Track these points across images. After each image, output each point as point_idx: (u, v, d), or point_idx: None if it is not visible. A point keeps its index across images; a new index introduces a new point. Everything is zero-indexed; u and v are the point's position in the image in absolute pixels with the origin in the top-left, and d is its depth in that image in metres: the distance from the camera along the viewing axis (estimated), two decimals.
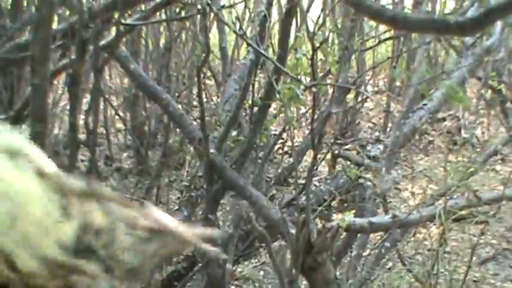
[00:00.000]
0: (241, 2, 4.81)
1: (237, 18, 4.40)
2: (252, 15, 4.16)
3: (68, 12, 3.37)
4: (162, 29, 5.79)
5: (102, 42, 3.08)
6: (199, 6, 3.41)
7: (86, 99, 4.39)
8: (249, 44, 3.62)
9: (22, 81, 4.06)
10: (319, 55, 3.81)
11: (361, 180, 3.60)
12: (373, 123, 7.60)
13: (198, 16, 4.39)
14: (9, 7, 4.09)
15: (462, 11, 3.68)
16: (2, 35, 3.49)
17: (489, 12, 2.28)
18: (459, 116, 7.75)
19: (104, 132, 6.09)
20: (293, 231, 2.95)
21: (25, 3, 4.18)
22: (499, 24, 4.33)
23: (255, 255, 4.79)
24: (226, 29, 4.86)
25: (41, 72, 2.62)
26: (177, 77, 5.64)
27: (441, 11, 5.21)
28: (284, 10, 3.27)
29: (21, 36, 3.82)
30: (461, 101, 4.15)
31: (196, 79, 4.06)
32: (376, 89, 7.30)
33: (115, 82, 6.63)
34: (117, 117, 6.21)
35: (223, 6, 3.84)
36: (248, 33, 4.18)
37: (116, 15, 3.13)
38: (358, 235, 3.45)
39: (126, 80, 6.28)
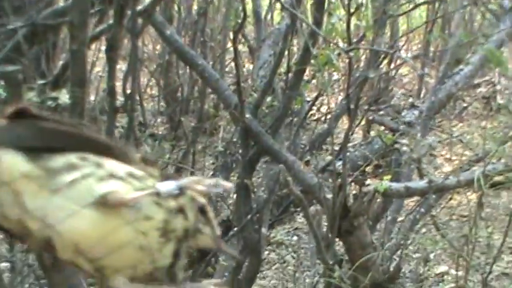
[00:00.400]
0: None
1: None
2: None
3: None
4: None
5: (139, 8, 3.10)
6: None
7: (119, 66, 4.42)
8: (285, 8, 3.64)
9: (57, 48, 4.11)
10: (354, 20, 3.80)
11: (396, 146, 3.60)
12: (406, 89, 7.59)
13: None
14: None
15: None
16: (39, 2, 3.54)
17: None
18: (495, 81, 7.72)
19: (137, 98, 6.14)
20: (329, 196, 2.98)
21: None
22: None
23: (289, 221, 4.85)
24: None
25: (79, 38, 2.66)
26: (210, 43, 5.66)
27: None
28: None
29: (58, 2, 3.86)
30: (501, 64, 4.15)
31: (231, 44, 4.10)
32: (410, 55, 7.25)
33: (148, 49, 6.66)
34: (146, 82, 6.28)
35: None
36: None
37: None
38: (394, 200, 3.47)
39: (158, 47, 6.29)
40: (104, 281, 1.52)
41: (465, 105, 7.30)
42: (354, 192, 2.91)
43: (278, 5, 5.39)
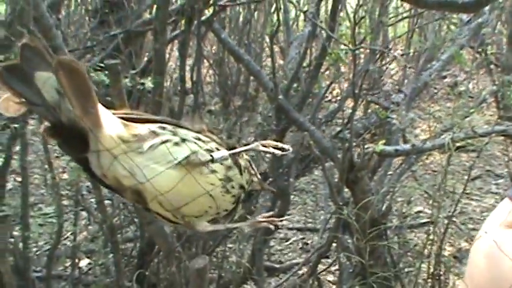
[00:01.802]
0: None
1: (298, 0, 4.45)
2: None
3: None
4: (240, 9, 5.76)
5: (203, 18, 3.06)
6: None
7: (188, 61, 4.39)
8: (308, 18, 3.62)
9: (143, 48, 4.09)
10: (357, 28, 3.76)
11: (388, 119, 3.56)
12: (394, 79, 7.54)
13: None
14: None
15: None
16: (132, 15, 3.53)
17: None
18: (456, 74, 7.67)
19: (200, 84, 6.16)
20: (339, 155, 2.96)
21: None
22: (487, 7, 4.27)
23: (309, 173, 4.82)
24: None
25: (161, 40, 2.65)
26: (252, 44, 5.63)
27: None
28: None
29: (145, 15, 3.85)
30: (462, 61, 4.10)
31: (268, 45, 4.09)
32: (396, 54, 7.19)
33: (208, 48, 6.67)
34: (205, 72, 6.30)
35: None
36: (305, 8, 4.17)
37: None
38: (386, 159, 3.44)
39: (214, 47, 6.25)
40: (190, 225, 1.50)
41: (436, 91, 7.24)
42: (357, 152, 2.88)
43: (302, 16, 5.36)
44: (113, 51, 3.01)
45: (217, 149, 1.46)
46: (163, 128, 1.42)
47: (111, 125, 1.35)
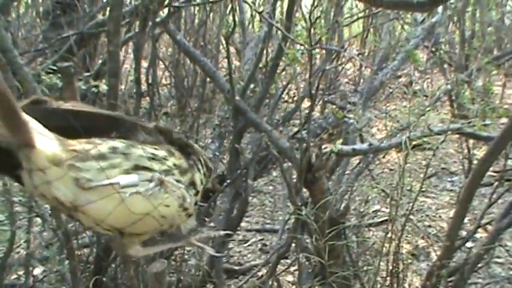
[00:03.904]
0: None
1: (253, 1, 4.44)
2: None
3: None
4: (195, 10, 5.74)
5: (158, 20, 3.03)
6: None
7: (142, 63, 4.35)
8: (264, 18, 3.62)
9: (97, 50, 4.03)
10: (313, 28, 3.76)
11: (344, 119, 3.58)
12: (349, 79, 7.59)
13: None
14: None
15: None
16: (84, 17, 3.48)
17: None
18: (411, 73, 7.73)
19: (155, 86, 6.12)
20: (297, 155, 2.96)
21: None
22: (441, 7, 4.33)
23: (267, 174, 4.83)
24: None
25: (114, 41, 2.62)
26: (208, 45, 5.61)
27: None
28: None
29: (98, 16, 3.80)
30: (417, 60, 4.14)
31: (224, 46, 4.07)
32: (350, 55, 7.25)
33: (163, 50, 6.62)
34: (161, 74, 6.25)
35: None
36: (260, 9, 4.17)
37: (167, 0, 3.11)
38: (343, 158, 3.46)
39: (170, 49, 6.21)
40: (121, 249, 1.46)
41: (391, 90, 7.31)
42: (315, 153, 2.87)
43: (257, 17, 5.37)
44: (65, 53, 2.95)
45: (175, 165, 1.42)
46: (115, 150, 1.36)
47: (45, 143, 1.30)
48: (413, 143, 2.99)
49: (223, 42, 5.63)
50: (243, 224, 4.47)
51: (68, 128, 1.35)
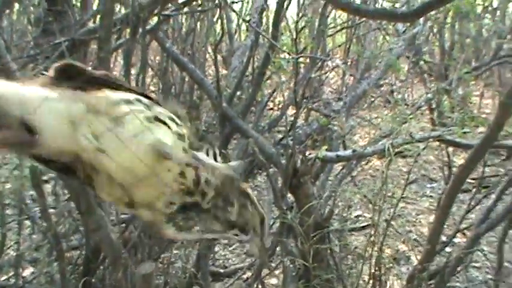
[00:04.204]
0: None
1: (240, 10, 4.45)
2: (252, 5, 4.08)
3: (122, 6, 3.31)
4: (183, 19, 5.74)
5: (147, 27, 3.04)
6: (216, 1, 3.45)
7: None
8: (251, 26, 3.63)
9: (87, 56, 4.02)
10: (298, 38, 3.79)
11: (329, 126, 3.60)
12: (333, 87, 7.62)
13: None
14: (79, 4, 4.07)
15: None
16: (75, 24, 3.47)
17: (422, 6, 2.30)
18: (392, 83, 7.78)
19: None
20: (283, 161, 2.97)
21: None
22: (422, 18, 4.36)
23: (252, 179, 4.82)
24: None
25: (105, 48, 2.62)
26: (196, 53, 5.61)
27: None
28: (276, 4, 3.25)
29: (89, 23, 3.79)
30: (399, 70, 4.18)
31: (211, 54, 4.09)
32: (335, 63, 7.27)
33: (151, 57, 6.61)
34: (149, 81, 6.24)
35: (233, 2, 3.88)
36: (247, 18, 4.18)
37: (157, 9, 3.11)
38: (328, 164, 3.47)
39: (158, 57, 6.20)
40: (157, 228, 1.47)
41: (373, 99, 7.34)
42: (300, 158, 2.89)
43: (243, 26, 5.39)
44: (57, 59, 2.94)
45: (188, 137, 1.44)
46: (139, 100, 1.39)
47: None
48: (396, 150, 3.01)
49: (210, 50, 5.65)
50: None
51: None
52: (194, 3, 3.77)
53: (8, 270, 3.13)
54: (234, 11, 4.08)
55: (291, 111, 4.38)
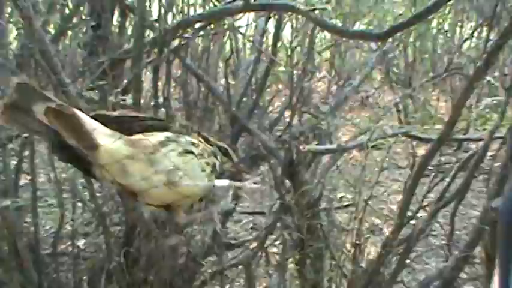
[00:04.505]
0: (251, 23, 4.75)
1: (245, 33, 4.48)
2: (255, 29, 4.08)
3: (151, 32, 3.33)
4: (200, 40, 5.73)
5: (171, 48, 3.06)
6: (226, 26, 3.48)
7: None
8: (255, 46, 3.65)
9: (123, 72, 4.03)
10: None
11: (318, 125, 3.61)
12: (320, 94, 7.62)
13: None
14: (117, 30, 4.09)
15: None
16: (115, 46, 3.50)
17: (391, 29, 2.31)
18: (367, 90, 7.80)
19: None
20: (281, 154, 2.99)
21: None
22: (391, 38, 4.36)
23: (257, 169, 4.83)
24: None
25: (138, 65, 2.64)
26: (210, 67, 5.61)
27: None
28: (274, 26, 3.27)
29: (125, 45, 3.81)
30: (373, 79, 4.18)
31: (222, 68, 4.10)
32: (321, 75, 7.27)
33: (174, 71, 6.59)
34: (172, 90, 6.23)
35: (239, 27, 3.91)
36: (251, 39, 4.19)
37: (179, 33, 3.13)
38: (317, 155, 3.48)
39: (179, 71, 6.18)
40: (172, 218, 1.47)
41: (352, 102, 7.35)
42: (295, 151, 2.91)
43: (248, 45, 5.40)
44: (100, 74, 2.97)
45: (204, 149, 1.42)
46: (169, 138, 1.36)
47: (109, 143, 1.28)
48: (372, 144, 3.03)
49: (221, 65, 5.66)
50: (237, 208, 4.49)
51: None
52: (208, 27, 3.77)
53: (66, 241, 3.18)
54: (240, 33, 4.08)
55: (287, 113, 4.39)
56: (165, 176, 1.32)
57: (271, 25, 3.68)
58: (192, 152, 1.37)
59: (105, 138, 1.28)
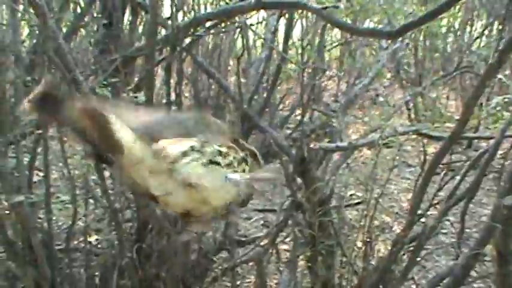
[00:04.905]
0: (262, 21, 4.74)
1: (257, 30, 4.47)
2: (266, 26, 4.07)
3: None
4: (210, 38, 5.72)
5: (183, 45, 3.05)
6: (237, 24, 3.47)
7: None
8: (266, 44, 3.64)
9: (135, 70, 4.04)
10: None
11: (329, 123, 3.60)
12: (331, 92, 7.59)
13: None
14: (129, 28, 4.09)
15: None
16: (127, 44, 3.51)
17: (403, 27, 2.30)
18: (378, 88, 7.76)
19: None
20: (293, 151, 2.98)
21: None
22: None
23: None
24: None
25: (150, 62, 2.64)
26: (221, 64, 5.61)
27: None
28: (285, 24, 3.26)
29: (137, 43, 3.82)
30: (383, 77, 4.16)
31: (233, 66, 4.10)
32: (332, 73, 7.24)
33: (186, 68, 6.59)
34: (184, 87, 6.23)
35: (251, 24, 3.89)
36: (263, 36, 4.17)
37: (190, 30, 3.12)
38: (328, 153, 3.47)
39: (190, 68, 6.19)
40: (187, 227, 1.44)
41: (361, 101, 7.31)
42: (306, 149, 2.90)
43: (258, 43, 5.39)
44: (113, 71, 2.98)
45: (234, 158, 1.37)
46: (193, 147, 1.32)
47: (135, 149, 1.25)
48: (383, 141, 3.01)
49: (231, 62, 5.65)
50: (248, 205, 4.49)
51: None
52: (219, 26, 3.77)
53: (79, 237, 3.19)
54: (252, 30, 4.06)
55: (298, 111, 4.40)
56: (181, 185, 1.29)
57: (282, 23, 3.67)
58: (218, 163, 1.32)
59: (132, 143, 1.24)
